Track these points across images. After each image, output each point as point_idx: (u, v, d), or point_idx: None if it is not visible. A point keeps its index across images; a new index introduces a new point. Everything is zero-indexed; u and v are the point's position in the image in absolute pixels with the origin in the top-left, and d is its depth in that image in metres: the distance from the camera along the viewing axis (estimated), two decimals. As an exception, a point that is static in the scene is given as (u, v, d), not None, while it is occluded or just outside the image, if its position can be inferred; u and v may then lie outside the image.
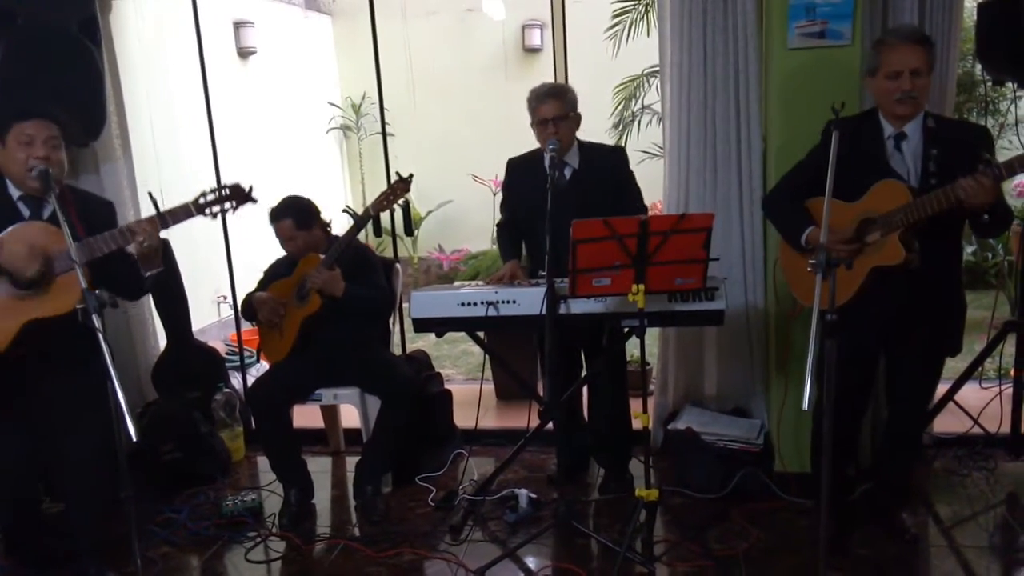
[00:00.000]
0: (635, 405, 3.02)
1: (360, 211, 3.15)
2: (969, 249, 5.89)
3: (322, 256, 3.09)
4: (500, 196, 3.35)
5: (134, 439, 1.93)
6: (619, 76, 5.45)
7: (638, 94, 5.34)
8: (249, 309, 3.27)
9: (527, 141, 3.13)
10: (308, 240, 3.20)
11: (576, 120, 3.01)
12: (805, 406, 1.92)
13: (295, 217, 3.17)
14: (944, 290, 2.54)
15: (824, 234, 2.15)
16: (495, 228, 3.37)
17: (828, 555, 2.22)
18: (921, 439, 3.06)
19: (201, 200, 2.55)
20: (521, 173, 3.17)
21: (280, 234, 3.20)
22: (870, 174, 2.47)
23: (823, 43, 2.93)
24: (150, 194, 2.54)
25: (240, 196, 2.61)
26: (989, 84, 3.93)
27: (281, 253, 3.38)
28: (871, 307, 2.49)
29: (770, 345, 3.29)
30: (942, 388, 3.23)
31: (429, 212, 7.64)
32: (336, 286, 3.02)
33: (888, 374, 2.77)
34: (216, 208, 2.57)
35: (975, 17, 3.27)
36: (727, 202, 3.22)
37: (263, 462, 3.69)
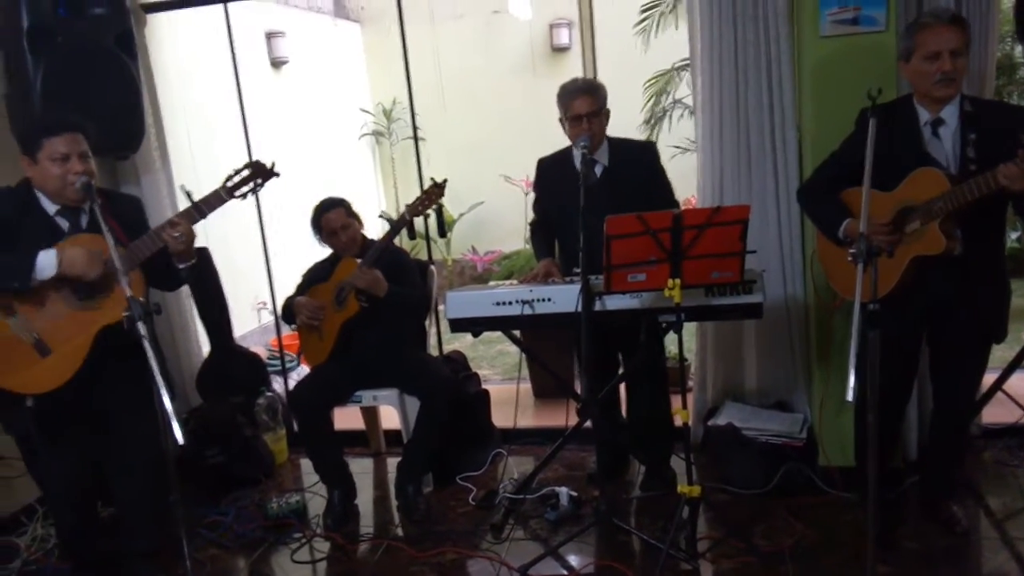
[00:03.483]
0: (674, 401, 3.01)
1: (395, 216, 3.19)
2: (1013, 235, 5.75)
3: (359, 261, 3.13)
4: (532, 196, 3.35)
5: (180, 443, 1.96)
6: (649, 71, 5.43)
7: (669, 88, 5.32)
8: (289, 313, 3.33)
9: (557, 141, 3.13)
10: (358, 231, 3.26)
11: (607, 116, 3.01)
12: (849, 397, 1.89)
13: (346, 206, 3.26)
14: (988, 276, 2.48)
15: (864, 223, 2.11)
16: (528, 228, 3.38)
17: (876, 549, 2.19)
18: (969, 430, 3.00)
19: (228, 184, 2.63)
20: (552, 172, 3.17)
21: (333, 223, 3.23)
22: (908, 162, 2.42)
23: (856, 30, 2.88)
24: (183, 186, 2.63)
25: (263, 172, 2.68)
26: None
27: (319, 257, 3.43)
28: (913, 297, 2.45)
29: (810, 337, 3.24)
30: (990, 377, 3.16)
31: (461, 214, 7.67)
32: (379, 286, 3.06)
33: (933, 364, 2.72)
34: (244, 188, 2.64)
35: (1013, -2, 3.19)
36: (762, 194, 3.18)
37: (306, 464, 3.74)
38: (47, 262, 2.39)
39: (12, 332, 2.43)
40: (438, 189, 3.14)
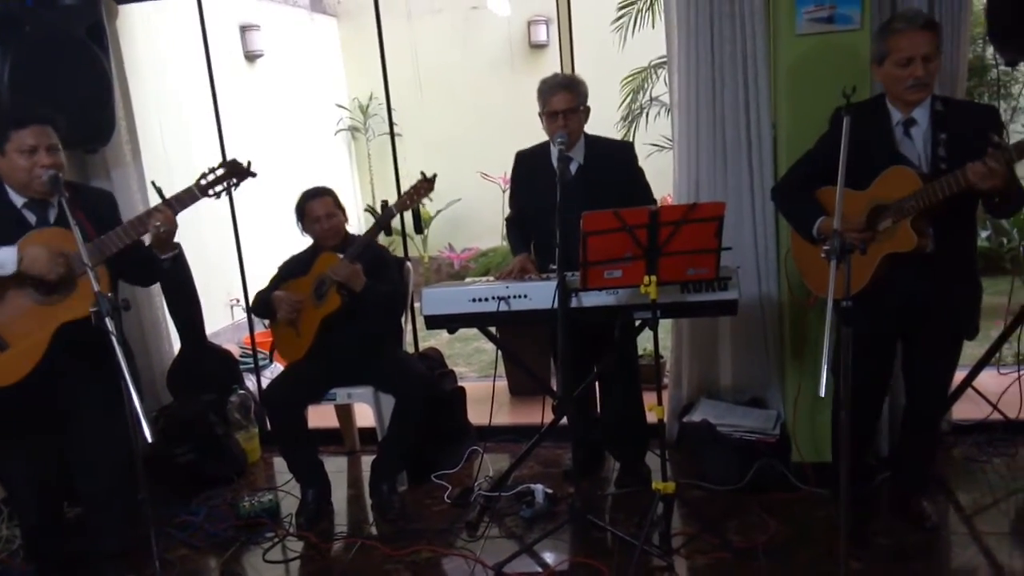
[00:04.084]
0: (650, 398, 3.01)
1: (378, 211, 3.16)
2: (984, 234, 5.83)
3: (339, 255, 3.09)
4: (509, 192, 3.33)
5: (150, 440, 1.93)
6: (626, 69, 5.44)
7: (646, 86, 5.33)
8: (265, 307, 3.28)
9: (535, 137, 3.12)
10: (342, 222, 3.24)
11: (586, 113, 3.00)
12: (821, 393, 1.90)
13: (333, 195, 3.24)
14: (959, 274, 2.51)
15: (838, 221, 2.12)
16: (504, 223, 3.36)
17: (848, 544, 2.20)
18: (940, 426, 3.03)
19: (203, 181, 2.59)
20: (529, 166, 3.16)
21: (317, 211, 3.18)
22: (880, 161, 2.45)
23: (832, 28, 2.90)
24: (153, 183, 2.59)
25: (239, 172, 2.64)
26: (1001, 67, 3.89)
27: (294, 251, 3.39)
28: (886, 294, 2.47)
29: (785, 334, 3.27)
30: (960, 375, 3.20)
31: (438, 211, 7.65)
32: (358, 280, 3.03)
33: (905, 361, 2.74)
34: (219, 187, 2.60)
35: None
36: (738, 192, 3.20)
37: (279, 463, 3.70)
38: (7, 259, 2.34)
39: None
40: (427, 183, 3.12)
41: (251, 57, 6.83)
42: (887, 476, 2.96)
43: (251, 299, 3.45)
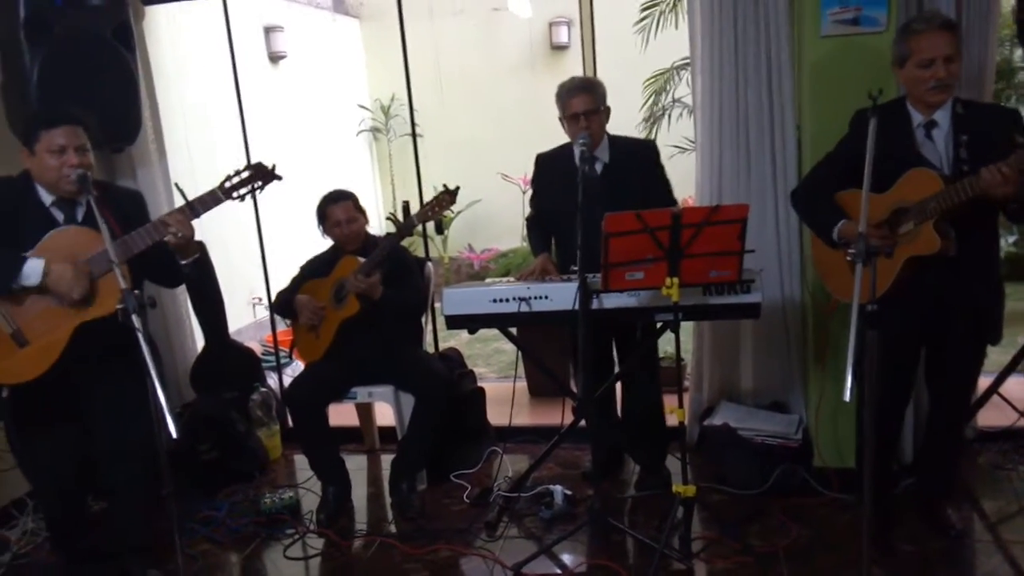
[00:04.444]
0: (670, 401, 2.99)
1: (401, 218, 3.17)
2: (1010, 239, 5.76)
3: (360, 259, 3.11)
4: (529, 194, 3.34)
5: (175, 436, 1.95)
6: (648, 70, 5.43)
7: (668, 87, 5.31)
8: (287, 308, 3.31)
9: (556, 139, 3.11)
10: (363, 226, 3.26)
11: (606, 114, 3.00)
12: (847, 398, 1.88)
13: (354, 199, 3.27)
14: (982, 276, 2.49)
15: (863, 223, 2.10)
16: (525, 223, 3.36)
17: (871, 550, 2.18)
18: (964, 432, 3.00)
19: (227, 184, 2.58)
20: (550, 168, 3.16)
21: (339, 215, 3.21)
22: (901, 164, 2.43)
23: (857, 30, 2.88)
24: (176, 185, 2.59)
25: (264, 175, 2.62)
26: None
27: (315, 252, 3.41)
28: (908, 298, 2.45)
29: (807, 338, 3.24)
30: (986, 381, 3.17)
31: (458, 212, 7.64)
32: (375, 291, 3.05)
33: (928, 366, 2.71)
34: (243, 190, 2.59)
35: (1013, 1, 3.19)
36: (761, 194, 3.18)
37: (299, 460, 3.73)
38: (33, 271, 2.36)
39: None
40: (449, 196, 3.12)
41: (275, 58, 6.88)
42: (911, 482, 2.93)
43: (273, 298, 3.48)
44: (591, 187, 2.70)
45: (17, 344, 2.41)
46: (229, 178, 2.60)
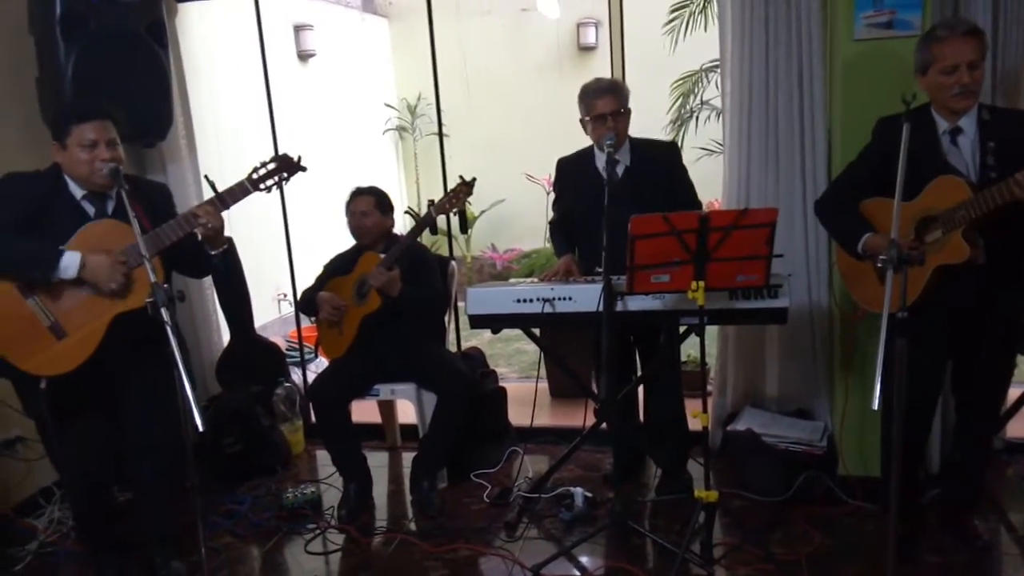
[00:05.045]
0: (694, 405, 2.97)
1: (420, 212, 3.19)
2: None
3: (382, 255, 3.13)
4: (552, 197, 3.34)
5: (200, 429, 1.96)
6: (676, 72, 5.39)
7: (696, 90, 5.27)
8: (310, 306, 3.34)
9: (581, 140, 3.11)
10: (379, 224, 3.29)
11: (629, 115, 2.99)
12: (875, 406, 1.86)
13: (378, 196, 3.32)
14: (1011, 285, 2.45)
15: (895, 229, 2.08)
16: (548, 227, 3.36)
17: (896, 560, 2.15)
18: (992, 443, 2.95)
19: (255, 176, 2.63)
20: (572, 172, 3.16)
21: (357, 207, 3.29)
22: (927, 171, 2.39)
23: (891, 34, 2.84)
24: (206, 176, 2.63)
25: (290, 166, 2.67)
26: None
27: (340, 249, 3.44)
28: (937, 307, 2.41)
29: (834, 345, 3.21)
30: (1015, 392, 3.11)
31: (482, 211, 7.67)
32: (394, 287, 3.06)
33: (956, 375, 2.68)
34: (270, 182, 2.64)
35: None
36: (790, 198, 3.15)
37: (322, 455, 3.75)
38: (70, 263, 2.40)
39: (31, 312, 2.44)
40: (466, 187, 3.14)
41: (304, 56, 6.94)
42: (937, 492, 2.89)
43: (299, 296, 3.51)
44: (615, 189, 2.69)
45: (56, 336, 2.45)
46: (256, 170, 2.64)
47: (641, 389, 3.25)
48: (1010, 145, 2.33)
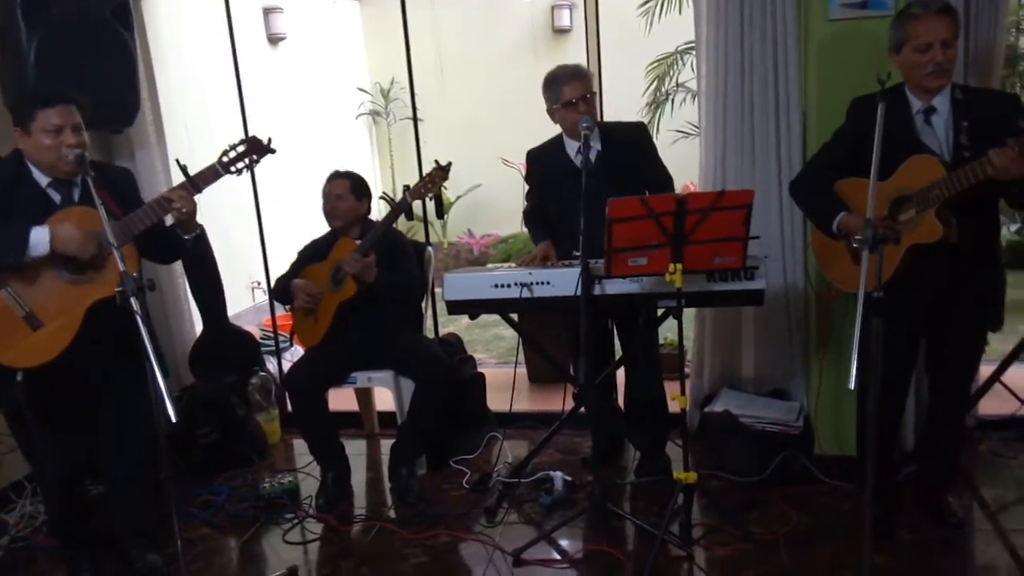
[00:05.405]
0: (671, 387, 2.98)
1: (395, 197, 3.16)
2: (1013, 227, 5.74)
3: (357, 242, 3.10)
4: (526, 189, 3.31)
5: (174, 421, 1.93)
6: (651, 54, 5.38)
7: (672, 72, 5.26)
8: (284, 293, 3.30)
9: (556, 125, 3.08)
10: (352, 208, 3.25)
11: (595, 98, 2.98)
12: (851, 385, 1.87)
13: (354, 181, 3.28)
14: (983, 263, 2.48)
15: (871, 209, 2.08)
16: (523, 217, 3.34)
17: (872, 538, 2.17)
18: (965, 420, 2.99)
19: (224, 159, 2.61)
20: (542, 162, 3.15)
21: (332, 190, 3.27)
22: (901, 151, 2.40)
23: (865, 14, 2.86)
24: (178, 161, 2.62)
25: (259, 148, 2.67)
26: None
27: (315, 234, 3.39)
28: (910, 286, 2.43)
29: (810, 326, 3.23)
30: (988, 369, 3.16)
31: (458, 197, 7.62)
32: (370, 273, 3.03)
33: (929, 353, 2.71)
34: (240, 164, 2.63)
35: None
36: (765, 180, 3.15)
37: (299, 444, 3.72)
38: (40, 239, 2.34)
39: (5, 303, 2.39)
40: (442, 172, 3.11)
41: (274, 40, 6.83)
42: (912, 470, 2.93)
43: (273, 283, 3.46)
44: (588, 175, 2.68)
45: (31, 327, 2.40)
46: (226, 152, 2.62)
47: (620, 372, 3.25)
48: (983, 124, 2.34)
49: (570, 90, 2.89)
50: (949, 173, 2.30)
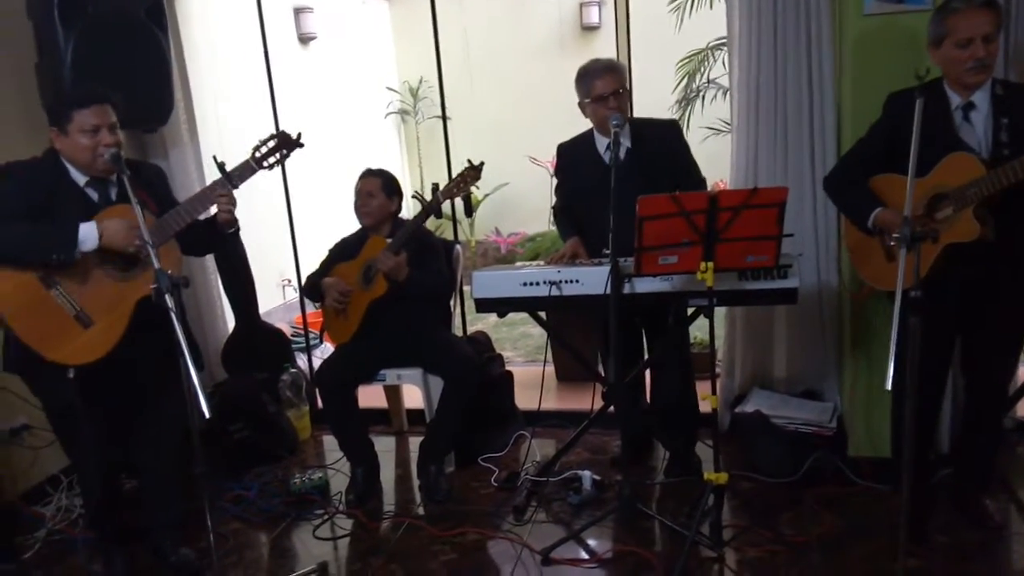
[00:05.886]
0: (702, 387, 2.96)
1: (427, 196, 3.16)
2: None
3: (388, 240, 3.11)
4: (556, 184, 3.31)
5: (207, 416, 1.95)
6: (681, 51, 5.32)
7: (702, 68, 5.21)
8: (315, 291, 3.32)
9: (584, 122, 3.07)
10: (383, 207, 3.25)
11: (628, 94, 2.96)
12: (888, 386, 1.84)
13: (385, 179, 3.29)
14: (1020, 263, 2.42)
15: (909, 207, 2.05)
16: (552, 213, 3.33)
17: (906, 541, 2.14)
18: (1002, 422, 2.92)
19: (257, 154, 2.67)
20: (573, 157, 3.14)
21: (363, 188, 3.27)
22: (939, 147, 2.36)
23: (901, 8, 2.80)
24: (215, 157, 2.66)
25: (289, 143, 2.72)
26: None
27: (345, 232, 3.41)
28: (946, 285, 2.38)
29: (844, 325, 3.18)
30: (1026, 371, 3.09)
31: (486, 195, 7.62)
32: (401, 271, 3.04)
33: (965, 355, 2.66)
34: (272, 159, 2.68)
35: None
36: (799, 177, 3.11)
37: (328, 441, 3.75)
38: (89, 234, 2.40)
39: (56, 303, 2.43)
40: (474, 172, 3.11)
41: (304, 39, 6.87)
42: (947, 473, 2.87)
43: (303, 281, 3.49)
44: (619, 170, 2.66)
45: (83, 325, 2.45)
46: (258, 148, 2.67)
47: (648, 372, 3.23)
48: None
49: (602, 84, 2.88)
50: (988, 171, 2.25)
